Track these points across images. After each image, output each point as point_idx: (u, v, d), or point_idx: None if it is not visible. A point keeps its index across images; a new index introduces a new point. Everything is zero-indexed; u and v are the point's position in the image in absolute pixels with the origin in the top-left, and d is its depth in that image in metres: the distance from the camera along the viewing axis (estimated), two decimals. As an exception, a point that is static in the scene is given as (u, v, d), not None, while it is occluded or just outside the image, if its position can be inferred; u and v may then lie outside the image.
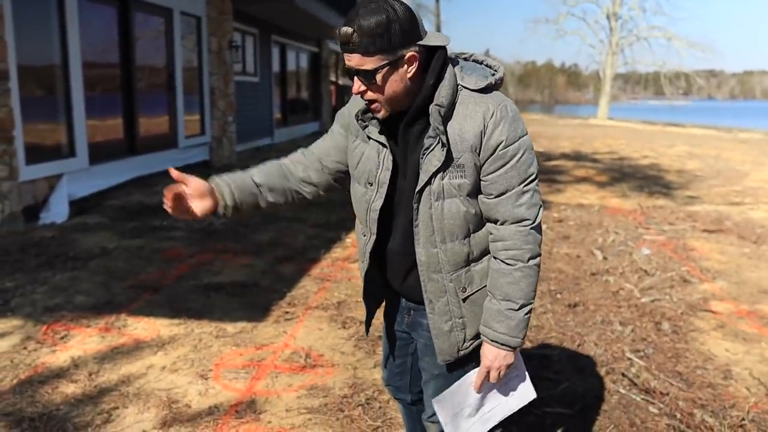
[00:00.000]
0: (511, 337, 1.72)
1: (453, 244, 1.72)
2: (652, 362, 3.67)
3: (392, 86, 1.61)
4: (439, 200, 1.68)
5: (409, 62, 1.59)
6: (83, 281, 4.79)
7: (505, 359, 1.75)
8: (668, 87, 41.45)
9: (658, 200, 9.06)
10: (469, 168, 1.66)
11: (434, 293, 1.78)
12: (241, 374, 3.34)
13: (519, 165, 1.65)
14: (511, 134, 1.64)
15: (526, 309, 1.72)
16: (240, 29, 13.16)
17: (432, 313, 1.80)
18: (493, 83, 1.69)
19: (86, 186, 7.61)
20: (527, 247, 1.69)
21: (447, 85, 1.63)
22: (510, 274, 1.70)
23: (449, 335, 1.81)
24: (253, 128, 14.18)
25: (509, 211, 1.67)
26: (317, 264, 5.40)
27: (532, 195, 1.68)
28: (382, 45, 1.54)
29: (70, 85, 7.41)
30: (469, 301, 1.79)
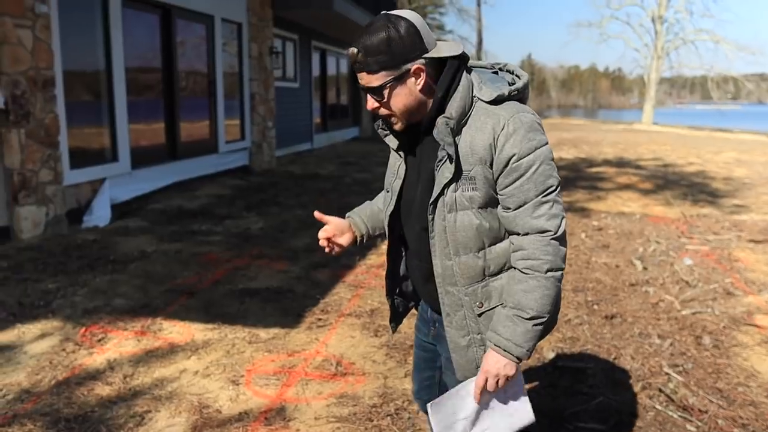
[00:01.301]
0: (515, 344, 1.67)
1: (467, 257, 1.72)
2: (691, 378, 3.57)
3: (402, 100, 1.66)
4: (452, 212, 1.69)
5: (416, 75, 1.63)
6: (122, 284, 4.89)
7: (505, 368, 1.70)
8: (716, 91, 40.46)
9: (703, 209, 8.83)
10: (480, 180, 1.66)
11: (451, 306, 1.78)
12: (272, 381, 3.36)
13: (535, 177, 1.63)
14: (524, 146, 1.61)
15: (536, 321, 1.67)
16: (280, 35, 13.31)
17: (450, 327, 1.80)
18: (506, 94, 1.68)
19: (128, 190, 7.77)
20: (546, 257, 1.65)
21: (458, 97, 1.65)
22: (524, 281, 1.66)
23: (467, 351, 1.79)
24: (293, 133, 14.31)
25: (528, 223, 1.65)
26: (352, 271, 5.41)
27: (551, 206, 1.65)
28: (384, 62, 1.60)
29: (114, 90, 7.58)
30: (486, 317, 1.76)
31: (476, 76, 1.71)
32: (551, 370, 3.62)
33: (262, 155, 11.83)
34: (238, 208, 8.04)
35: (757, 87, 44.27)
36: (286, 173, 11.67)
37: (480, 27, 48.67)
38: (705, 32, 39.47)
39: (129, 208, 7.61)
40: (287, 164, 12.92)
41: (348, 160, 14.04)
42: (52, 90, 6.41)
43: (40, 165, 6.28)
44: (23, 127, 6.06)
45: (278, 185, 10.13)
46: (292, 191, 9.53)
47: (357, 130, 20.90)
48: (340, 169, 12.44)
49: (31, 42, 6.12)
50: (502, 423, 1.80)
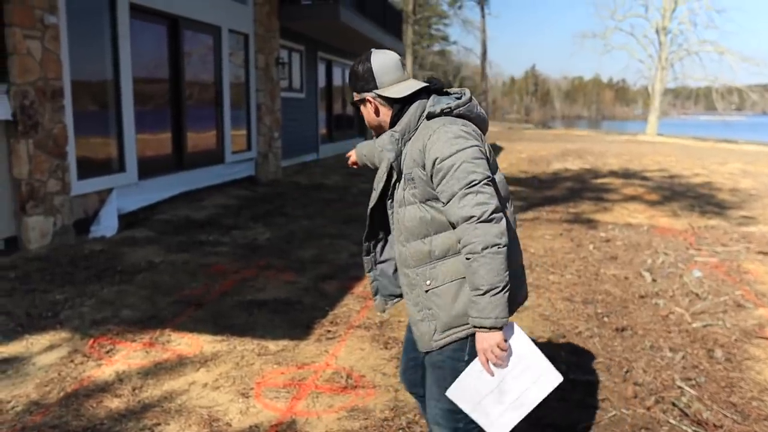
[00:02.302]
0: (482, 318, 1.92)
1: (415, 243, 2.08)
2: (705, 392, 3.53)
3: (366, 116, 2.19)
4: (402, 206, 2.09)
5: (369, 103, 2.14)
6: (130, 295, 4.87)
7: (489, 340, 1.93)
8: (720, 102, 40.42)
9: (711, 220, 8.79)
10: (418, 180, 2.03)
11: (407, 285, 2.15)
12: (282, 393, 3.33)
13: (457, 174, 1.93)
14: (445, 151, 1.95)
15: (491, 293, 1.90)
16: (287, 46, 13.34)
17: (409, 303, 2.16)
18: (437, 111, 2.04)
19: (135, 200, 7.77)
20: (477, 239, 1.89)
21: (406, 117, 2.09)
22: (470, 266, 1.92)
23: (421, 323, 2.10)
24: (299, 144, 14.32)
25: (456, 213, 1.93)
26: (360, 282, 5.39)
27: (475, 195, 1.92)
28: (352, 86, 2.16)
29: (121, 101, 7.60)
30: (432, 293, 2.06)
31: (431, 101, 2.10)
32: (563, 383, 3.57)
33: (268, 165, 11.83)
34: (244, 219, 8.04)
35: (762, 98, 44.26)
36: (292, 184, 11.67)
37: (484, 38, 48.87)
38: (709, 43, 39.50)
39: (136, 218, 7.61)
40: (293, 174, 12.92)
41: (354, 171, 14.03)
42: (60, 100, 6.43)
43: (48, 175, 6.29)
44: (31, 138, 6.07)
45: (284, 196, 10.13)
46: (299, 202, 9.53)
47: (362, 140, 20.91)
48: (345, 180, 12.44)
49: (40, 53, 6.14)
50: (532, 389, 1.98)
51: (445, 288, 2.04)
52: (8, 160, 6.00)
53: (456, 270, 2.03)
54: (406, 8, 36.36)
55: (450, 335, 2.05)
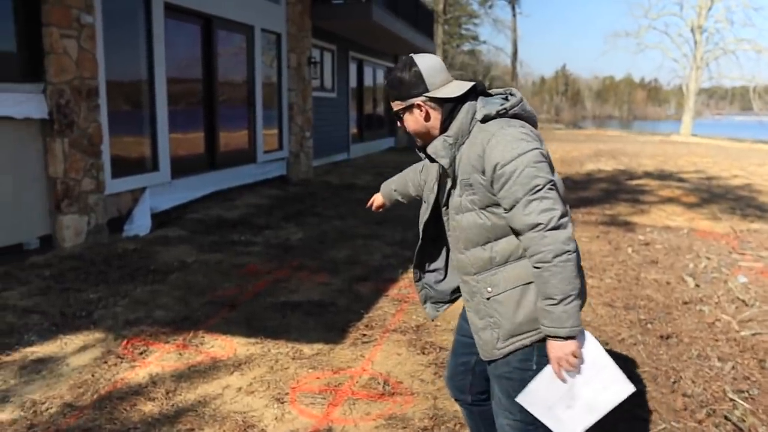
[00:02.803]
0: (556, 328, 1.87)
1: (475, 250, 2.02)
2: (758, 405, 3.37)
3: (411, 125, 2.07)
4: (460, 213, 2.04)
5: (419, 108, 2.03)
6: (163, 295, 4.84)
7: (564, 349, 1.89)
8: (757, 102, 39.53)
9: (753, 223, 8.52)
10: (477, 186, 1.96)
11: (468, 293, 2.10)
12: (318, 399, 3.25)
13: (520, 179, 1.85)
14: (507, 155, 1.87)
15: (565, 302, 1.85)
16: (318, 45, 13.31)
17: (470, 311, 2.10)
18: (493, 113, 1.97)
19: (168, 199, 7.78)
20: (547, 248, 1.83)
21: (458, 120, 2.00)
22: (540, 275, 1.86)
23: (484, 332, 2.04)
24: (330, 143, 14.29)
25: (521, 220, 1.87)
26: (395, 284, 5.29)
27: (540, 201, 1.85)
28: (395, 95, 2.06)
29: (155, 100, 7.61)
30: (494, 301, 2.00)
31: (481, 102, 2.02)
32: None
33: (299, 165, 11.80)
34: (276, 219, 8.00)
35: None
36: (324, 183, 11.62)
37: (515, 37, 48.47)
38: (746, 42, 38.71)
39: (168, 217, 7.62)
40: (324, 174, 12.88)
41: (384, 171, 13.95)
42: (95, 99, 6.44)
43: (82, 174, 6.30)
44: (67, 137, 6.09)
45: (316, 195, 10.08)
46: (330, 202, 9.47)
47: (392, 140, 20.84)
48: (376, 180, 12.30)
49: (76, 52, 6.16)
50: (603, 394, 1.94)
51: (507, 295, 1.99)
52: (44, 159, 6.03)
53: (518, 276, 1.97)
54: (437, 8, 36.18)
55: (514, 343, 2.00)
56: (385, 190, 2.67)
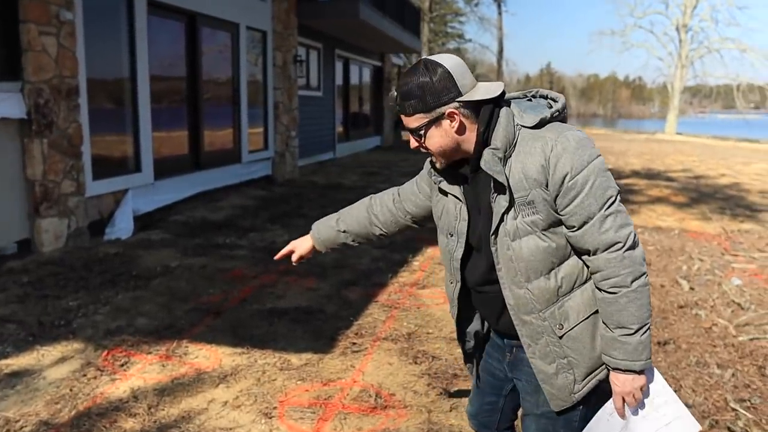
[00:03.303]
0: (631, 361, 1.67)
1: (538, 281, 1.71)
2: (761, 414, 3.27)
3: (438, 141, 1.70)
4: (516, 240, 1.70)
5: (450, 118, 1.67)
6: (145, 302, 4.68)
7: (633, 383, 1.70)
8: (740, 100, 39.79)
9: (744, 224, 8.48)
10: (540, 203, 1.66)
11: (530, 336, 1.76)
12: (308, 413, 3.11)
13: (594, 191, 1.62)
14: (576, 163, 1.62)
15: (642, 331, 1.66)
16: (304, 43, 13.14)
17: (533, 357, 1.77)
18: (548, 117, 1.70)
19: (151, 201, 7.59)
20: (626, 271, 1.63)
21: (501, 128, 1.68)
22: (616, 302, 1.66)
23: (556, 378, 1.76)
24: (316, 143, 14.12)
25: (597, 239, 1.64)
26: (384, 289, 5.16)
27: (616, 216, 1.63)
28: (418, 107, 1.67)
29: (138, 99, 7.42)
30: (568, 338, 1.73)
31: (515, 107, 1.74)
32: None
33: (285, 165, 11.64)
34: (262, 220, 7.84)
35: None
36: (309, 183, 11.46)
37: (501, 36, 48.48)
38: (731, 41, 38.93)
39: (151, 219, 7.44)
40: (310, 174, 12.72)
41: (371, 170, 13.82)
42: (75, 99, 6.25)
43: (62, 176, 6.11)
44: (46, 137, 5.90)
45: (302, 196, 9.92)
46: (316, 202, 9.32)
47: (378, 139, 20.70)
48: (363, 180, 12.22)
49: (55, 49, 5.96)
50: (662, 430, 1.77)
51: (581, 328, 1.73)
52: (21, 161, 5.83)
53: (588, 303, 1.73)
54: (423, 6, 36.06)
55: (590, 382, 1.77)
56: (322, 232, 2.21)
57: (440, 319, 4.49)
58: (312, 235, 2.24)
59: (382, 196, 2.19)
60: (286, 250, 2.27)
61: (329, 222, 2.21)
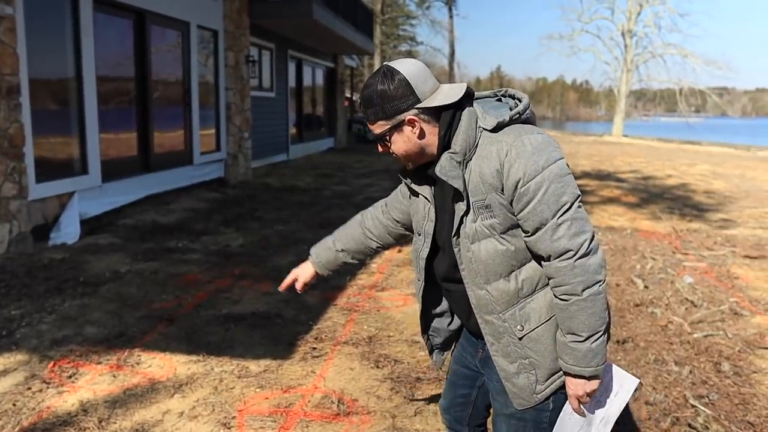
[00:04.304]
0: (580, 367, 1.68)
1: (497, 283, 1.71)
2: (720, 410, 3.31)
3: (402, 146, 1.72)
4: (475, 242, 1.70)
5: (411, 124, 1.68)
6: (94, 309, 4.48)
7: (585, 387, 1.71)
8: (683, 104, 41.01)
9: (692, 223, 8.67)
10: (497, 207, 1.66)
11: (493, 335, 1.77)
12: (268, 422, 3.01)
13: (547, 198, 1.60)
14: (530, 168, 1.60)
15: (592, 339, 1.66)
16: (257, 44, 12.95)
17: (496, 355, 1.79)
18: (507, 119, 1.69)
19: (98, 204, 7.33)
20: (576, 280, 1.62)
21: (461, 131, 1.68)
22: (566, 309, 1.65)
23: (518, 377, 1.77)
24: (269, 144, 13.93)
25: (549, 246, 1.63)
26: (343, 292, 5.08)
27: (570, 225, 1.61)
28: (378, 114, 1.68)
29: (84, 99, 7.16)
30: (528, 339, 1.74)
31: (479, 108, 1.73)
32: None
33: (237, 167, 11.43)
34: (215, 223, 7.65)
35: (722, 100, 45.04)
36: (263, 185, 11.29)
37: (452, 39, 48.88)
38: (673, 46, 40.07)
39: (99, 223, 7.18)
40: (263, 176, 12.53)
41: (325, 172, 13.71)
42: (16, 98, 5.98)
43: (3, 178, 5.83)
44: (-15, 138, 5.62)
45: (255, 198, 9.75)
46: (271, 205, 9.16)
47: (332, 140, 20.57)
48: (317, 181, 12.10)
49: (-6, 46, 5.69)
50: (614, 403, 1.82)
51: (542, 330, 1.73)
52: (-41, 162, 5.55)
53: (549, 304, 1.73)
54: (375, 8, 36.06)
55: (553, 383, 1.77)
56: (321, 256, 2.18)
57: (401, 322, 4.43)
58: (312, 261, 2.21)
59: (372, 210, 2.19)
60: (289, 279, 2.24)
61: (326, 244, 2.20)
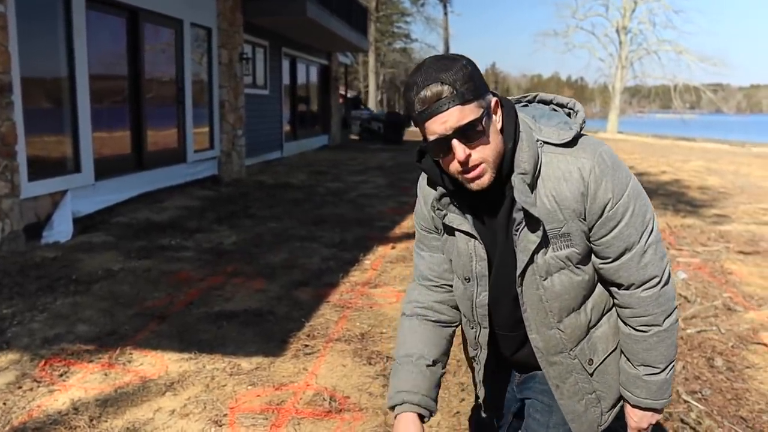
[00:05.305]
0: (653, 400, 1.54)
1: (569, 318, 1.51)
2: (712, 406, 3.32)
3: (495, 137, 1.38)
4: (548, 277, 1.47)
5: (495, 109, 1.39)
6: (86, 307, 4.47)
7: (651, 419, 1.59)
8: (677, 100, 41.07)
9: (686, 219, 8.69)
10: (577, 236, 1.44)
11: (559, 377, 1.57)
12: (260, 420, 3.00)
13: (634, 219, 1.42)
14: (617, 188, 1.40)
15: (668, 369, 1.53)
16: (250, 41, 12.92)
17: (562, 398, 1.59)
18: (579, 131, 1.45)
19: (91, 202, 7.31)
20: (659, 309, 1.47)
21: (526, 147, 1.40)
22: (644, 341, 1.50)
23: (585, 414, 1.60)
24: (263, 142, 13.91)
25: (635, 273, 1.45)
26: (335, 289, 5.07)
27: (655, 249, 1.45)
28: (476, 91, 1.33)
29: (77, 97, 7.13)
30: (598, 372, 1.58)
31: (525, 116, 1.47)
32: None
33: (231, 165, 11.41)
34: (208, 221, 7.64)
35: (717, 96, 45.13)
36: (257, 183, 11.27)
37: (447, 36, 48.84)
38: (668, 43, 40.11)
39: (92, 221, 7.15)
40: (257, 173, 12.51)
41: (319, 169, 13.69)
42: (8, 96, 5.95)
43: (-6, 177, 5.81)
44: (-24, 136, 5.59)
45: (249, 196, 9.73)
46: (264, 202, 9.15)
47: (326, 138, 20.54)
48: (311, 179, 12.08)
49: (-15, 44, 5.66)
50: None
51: (609, 360, 1.58)
52: (-50, 161, 5.52)
53: (613, 331, 1.58)
54: (369, 5, 36.04)
55: (616, 409, 1.64)
56: (415, 401, 1.57)
57: (393, 319, 4.42)
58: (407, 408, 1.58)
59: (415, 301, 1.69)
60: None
61: (409, 385, 1.59)
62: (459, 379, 3.50)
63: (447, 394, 3.32)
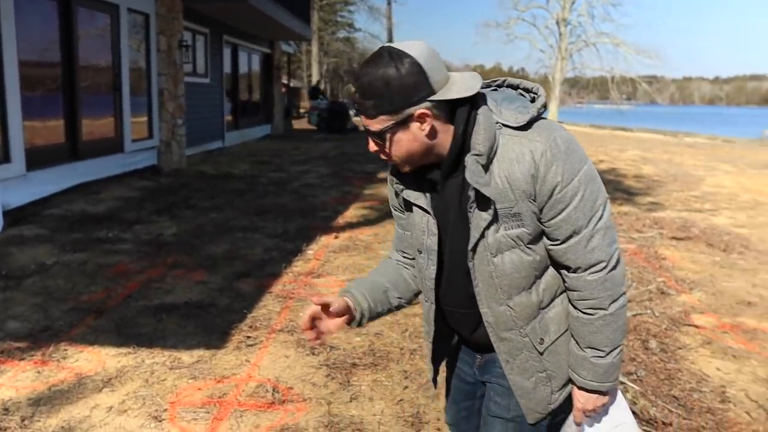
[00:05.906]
0: (598, 383, 1.58)
1: (520, 297, 1.56)
2: (647, 386, 3.43)
3: (405, 146, 1.46)
4: (498, 255, 1.52)
5: (420, 120, 1.42)
6: (17, 303, 4.31)
7: (597, 401, 1.62)
8: (614, 92, 42.14)
9: (622, 206, 8.95)
10: (527, 216, 1.48)
11: (509, 353, 1.62)
12: (201, 414, 2.95)
13: (583, 203, 1.46)
14: (567, 172, 1.44)
15: (614, 353, 1.56)
16: (190, 28, 12.63)
17: (511, 373, 1.64)
18: (536, 115, 1.49)
19: (23, 194, 7.03)
20: (605, 294, 1.50)
21: (482, 129, 1.45)
22: (590, 323, 1.54)
23: (534, 392, 1.64)
24: (204, 131, 13.64)
25: (581, 257, 1.49)
26: (278, 280, 5.02)
27: (604, 234, 1.48)
28: (383, 107, 1.41)
29: (5, 84, 6.83)
30: (549, 352, 1.62)
31: (492, 99, 1.52)
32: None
33: (171, 154, 11.15)
34: (148, 212, 7.46)
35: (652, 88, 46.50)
36: (198, 173, 11.06)
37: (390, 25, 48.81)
38: (606, 35, 41.05)
39: (24, 214, 6.89)
40: (198, 163, 12.27)
41: (261, 159, 13.52)
42: (-70, 83, 5.66)
43: None
44: None
45: (190, 186, 9.54)
46: (206, 193, 8.99)
47: (269, 127, 20.30)
48: (254, 168, 11.93)
49: None
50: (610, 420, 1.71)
51: (561, 341, 1.62)
52: None
53: (564, 313, 1.61)
54: (312, -7, 35.67)
55: (566, 389, 1.66)
56: (357, 301, 1.71)
57: (337, 309, 4.40)
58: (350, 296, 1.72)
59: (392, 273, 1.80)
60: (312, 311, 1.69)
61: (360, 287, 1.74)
62: (402, 367, 3.52)
63: (390, 382, 3.34)
